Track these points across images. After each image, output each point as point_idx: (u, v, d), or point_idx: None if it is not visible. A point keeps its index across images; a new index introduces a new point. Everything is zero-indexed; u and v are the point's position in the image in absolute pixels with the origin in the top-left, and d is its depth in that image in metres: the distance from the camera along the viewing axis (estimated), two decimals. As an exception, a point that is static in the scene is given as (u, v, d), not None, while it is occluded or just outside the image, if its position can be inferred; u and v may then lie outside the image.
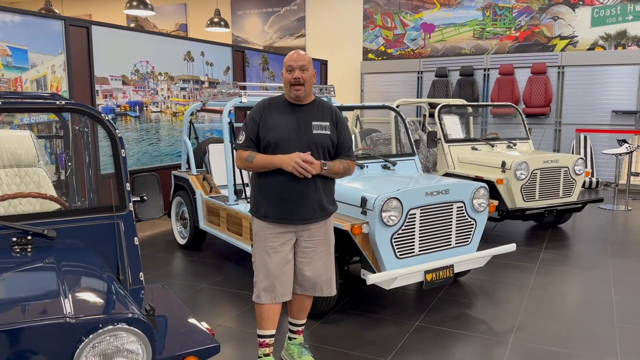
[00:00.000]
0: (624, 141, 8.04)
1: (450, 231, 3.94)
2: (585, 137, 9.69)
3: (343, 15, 11.98)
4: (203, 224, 5.30)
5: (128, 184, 2.39)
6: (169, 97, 6.76)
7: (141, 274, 2.33)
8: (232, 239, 4.76)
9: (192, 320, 1.95)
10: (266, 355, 2.99)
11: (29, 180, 3.08)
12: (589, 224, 6.74)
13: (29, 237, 2.16)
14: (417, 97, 11.02)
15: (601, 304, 4.13)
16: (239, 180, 4.89)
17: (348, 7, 11.91)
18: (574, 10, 10.02)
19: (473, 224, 4.04)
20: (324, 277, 2.98)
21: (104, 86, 5.86)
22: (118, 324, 1.52)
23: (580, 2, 9.94)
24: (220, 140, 6.03)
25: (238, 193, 4.86)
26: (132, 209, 2.38)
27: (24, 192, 2.48)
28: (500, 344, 3.46)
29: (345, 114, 4.17)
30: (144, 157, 6.41)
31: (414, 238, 3.75)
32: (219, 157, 5.69)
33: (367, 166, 4.51)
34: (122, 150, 2.42)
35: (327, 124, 2.91)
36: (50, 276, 1.81)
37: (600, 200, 6.46)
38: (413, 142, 4.86)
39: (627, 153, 7.66)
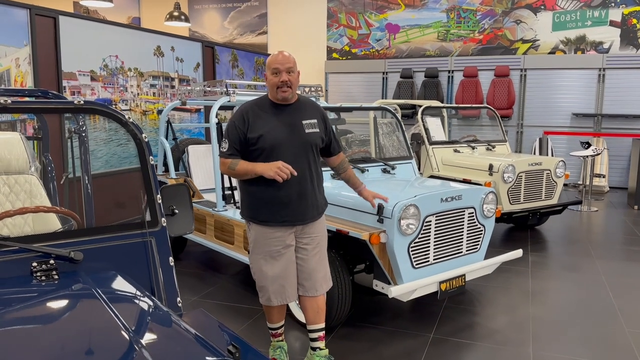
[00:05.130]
0: (588, 144, 8.24)
1: (462, 238, 3.81)
2: (547, 139, 9.90)
3: (306, 13, 11.74)
4: (185, 232, 4.94)
5: (159, 196, 2.09)
6: (138, 94, 6.33)
7: (178, 299, 2.04)
8: (222, 248, 4.45)
9: (261, 355, 1.69)
10: (279, 341, 3.11)
11: (20, 189, 2.70)
12: (563, 226, 6.84)
13: (52, 262, 1.83)
14: (382, 98, 10.95)
15: (605, 309, 4.11)
16: (226, 184, 4.60)
17: (311, 5, 11.68)
18: (535, 15, 10.23)
19: (482, 230, 3.93)
20: (321, 273, 2.95)
21: (72, 82, 5.39)
22: (212, 373, 1.26)
23: (542, 7, 10.16)
24: (199, 142, 5.68)
25: (227, 198, 4.57)
26: (164, 224, 2.09)
27: (29, 208, 2.13)
28: (523, 356, 3.35)
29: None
30: (112, 158, 5.96)
31: (429, 246, 3.60)
32: (200, 159, 5.34)
33: (367, 170, 4.33)
34: (151, 157, 2.11)
35: (316, 121, 2.89)
36: (101, 310, 1.51)
37: (579, 203, 6.55)
38: (409, 144, 4.72)
39: (593, 155, 7.85)
